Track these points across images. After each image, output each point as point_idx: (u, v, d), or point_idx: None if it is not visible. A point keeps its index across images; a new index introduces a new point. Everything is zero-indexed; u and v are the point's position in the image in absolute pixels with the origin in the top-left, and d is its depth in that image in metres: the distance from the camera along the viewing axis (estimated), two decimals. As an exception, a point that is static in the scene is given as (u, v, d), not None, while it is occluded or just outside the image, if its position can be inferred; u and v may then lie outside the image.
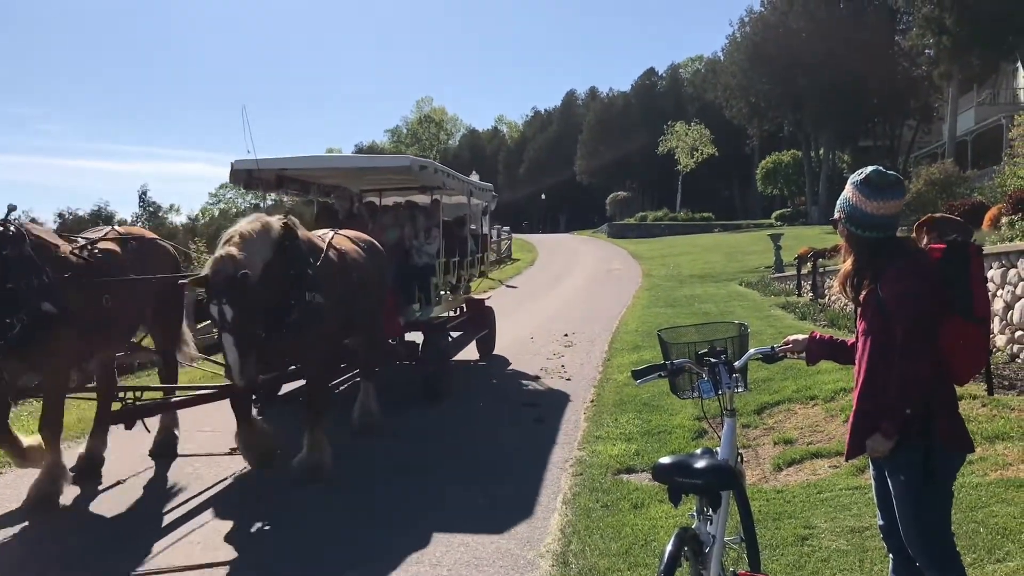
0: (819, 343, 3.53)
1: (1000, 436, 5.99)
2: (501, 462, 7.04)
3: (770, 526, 4.93)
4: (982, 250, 3.28)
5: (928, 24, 36.70)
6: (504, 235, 42.36)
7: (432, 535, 5.34)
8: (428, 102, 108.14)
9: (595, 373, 10.90)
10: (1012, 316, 8.55)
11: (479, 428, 8.26)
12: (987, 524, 4.57)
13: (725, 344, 3.57)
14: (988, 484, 5.18)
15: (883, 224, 3.14)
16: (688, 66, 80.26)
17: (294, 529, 5.55)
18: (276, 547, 5.27)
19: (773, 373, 8.82)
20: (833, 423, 7.08)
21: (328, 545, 5.25)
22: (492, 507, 5.87)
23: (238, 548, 5.28)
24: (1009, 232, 10.09)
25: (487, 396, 9.90)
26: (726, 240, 41.90)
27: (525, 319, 17.16)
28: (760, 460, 6.66)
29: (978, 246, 3.21)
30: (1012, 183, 14.61)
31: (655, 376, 3.52)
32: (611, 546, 4.93)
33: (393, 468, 6.97)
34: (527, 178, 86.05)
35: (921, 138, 51.02)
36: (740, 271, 26.31)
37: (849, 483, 5.56)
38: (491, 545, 5.15)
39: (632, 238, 50.82)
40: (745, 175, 68.60)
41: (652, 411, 8.28)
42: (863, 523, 4.79)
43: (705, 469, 3.13)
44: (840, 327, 12.26)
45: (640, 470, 6.46)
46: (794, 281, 19.52)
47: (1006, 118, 30.78)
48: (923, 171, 26.45)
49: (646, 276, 27.23)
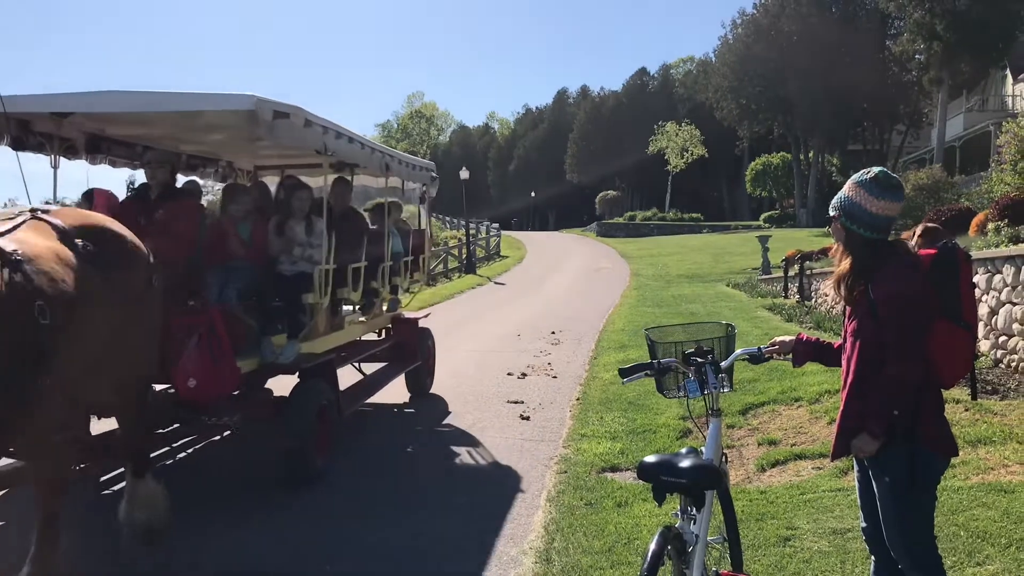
0: (806, 345, 3.54)
1: (982, 440, 6.05)
2: (485, 458, 7.03)
3: (753, 526, 4.94)
4: (971, 256, 3.30)
5: (919, 30, 36.93)
6: (493, 232, 42.46)
7: (415, 531, 5.33)
8: (419, 97, 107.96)
9: (581, 371, 10.90)
10: (996, 321, 8.60)
11: (463, 424, 8.25)
12: (968, 528, 4.60)
13: (712, 344, 3.57)
14: (969, 488, 5.21)
15: (884, 225, 3.14)
16: (679, 67, 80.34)
17: (278, 524, 5.52)
18: (259, 542, 5.24)
19: (758, 374, 8.85)
20: (817, 425, 7.11)
21: (311, 541, 5.23)
22: (475, 503, 5.86)
23: (225, 543, 5.25)
24: (995, 238, 10.15)
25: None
26: (714, 241, 42.00)
27: (513, 316, 17.19)
28: (744, 460, 6.67)
29: (967, 252, 3.22)
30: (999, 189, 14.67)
31: (642, 375, 3.52)
32: (594, 544, 4.93)
33: (376, 464, 6.96)
34: (517, 175, 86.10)
35: (910, 143, 51.28)
36: (728, 272, 26.38)
37: (832, 485, 5.59)
38: (474, 541, 5.14)
39: (621, 237, 50.93)
40: (734, 176, 68.80)
41: (638, 410, 8.29)
42: (845, 525, 4.81)
43: (690, 468, 3.13)
44: (826, 330, 12.31)
45: (625, 468, 6.47)
46: (781, 283, 19.60)
47: (994, 124, 30.93)
48: (911, 176, 26.53)
49: (634, 275, 27.27)
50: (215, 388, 5.52)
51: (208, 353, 5.39)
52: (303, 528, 5.43)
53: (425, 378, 9.60)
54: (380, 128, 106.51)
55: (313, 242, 6.88)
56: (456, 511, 5.71)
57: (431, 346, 9.83)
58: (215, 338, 5.46)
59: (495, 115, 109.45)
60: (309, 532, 5.36)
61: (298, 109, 5.90)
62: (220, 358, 5.46)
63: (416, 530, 5.34)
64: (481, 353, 12.53)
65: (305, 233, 6.92)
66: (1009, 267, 8.38)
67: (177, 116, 5.99)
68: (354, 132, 7.20)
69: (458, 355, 12.29)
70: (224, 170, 8.96)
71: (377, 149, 7.94)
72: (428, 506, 5.84)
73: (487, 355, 12.34)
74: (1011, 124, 15.38)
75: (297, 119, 5.90)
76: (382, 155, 8.04)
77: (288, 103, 5.74)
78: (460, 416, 8.59)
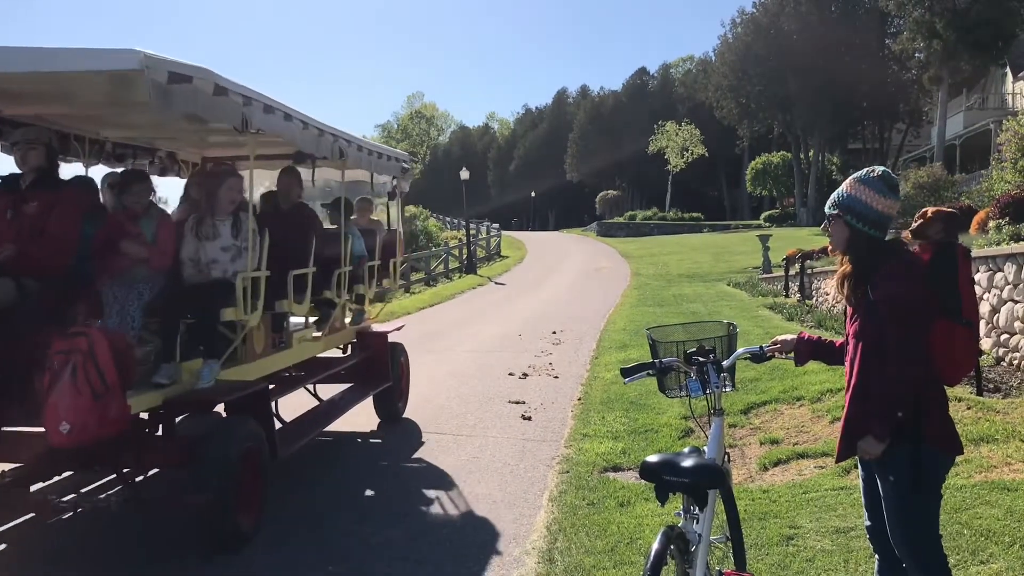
0: (807, 343, 3.53)
1: (985, 439, 6.03)
2: (487, 459, 7.02)
3: (756, 525, 4.93)
4: (970, 252, 3.28)
5: (919, 28, 36.92)
6: (493, 232, 42.50)
7: (417, 531, 5.32)
8: (419, 97, 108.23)
9: (583, 371, 10.89)
10: (998, 319, 8.59)
11: (465, 424, 8.24)
12: (971, 526, 4.59)
13: (713, 343, 3.57)
14: (973, 486, 5.20)
15: (886, 223, 3.14)
16: (679, 66, 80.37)
17: (276, 523, 5.52)
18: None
19: (760, 373, 8.85)
20: (819, 424, 7.10)
21: (311, 541, 5.22)
22: (478, 504, 5.85)
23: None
24: (996, 236, 10.13)
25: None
26: (715, 240, 41.99)
27: (513, 316, 17.19)
28: (746, 460, 6.67)
29: (966, 248, 3.21)
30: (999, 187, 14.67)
31: (643, 374, 3.51)
32: (597, 544, 4.92)
33: (377, 465, 6.95)
34: (517, 176, 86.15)
35: (910, 142, 51.33)
36: (728, 271, 26.37)
37: (835, 483, 5.58)
38: (477, 541, 5.13)
39: (621, 237, 50.94)
40: (735, 176, 68.82)
41: (639, 409, 8.29)
42: (848, 523, 4.80)
43: (692, 468, 3.12)
44: (827, 328, 12.30)
45: (627, 468, 6.46)
46: (782, 282, 19.59)
47: (995, 123, 30.93)
48: (912, 175, 26.57)
49: (635, 275, 27.26)
50: (95, 431, 4.29)
51: (87, 388, 4.26)
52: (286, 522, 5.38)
53: (396, 401, 8.32)
54: (380, 129, 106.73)
55: (240, 244, 5.62)
56: (458, 510, 5.70)
57: (404, 363, 8.62)
58: (95, 368, 4.31)
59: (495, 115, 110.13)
60: (291, 527, 5.32)
61: (207, 72, 4.53)
62: (103, 393, 4.31)
63: (417, 530, 5.32)
64: (482, 353, 12.52)
65: (231, 233, 5.63)
66: (1010, 265, 8.37)
67: (45, 82, 4.50)
68: (295, 109, 5.77)
69: (459, 355, 12.30)
70: (163, 162, 7.55)
71: (328, 131, 6.39)
72: (431, 505, 5.81)
73: (488, 355, 12.33)
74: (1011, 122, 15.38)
75: (204, 84, 4.51)
76: (334, 139, 6.50)
77: (195, 65, 4.48)
78: (461, 417, 8.58)
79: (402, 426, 8.24)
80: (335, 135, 6.54)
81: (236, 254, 5.59)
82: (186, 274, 5.61)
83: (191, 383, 5.12)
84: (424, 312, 19.14)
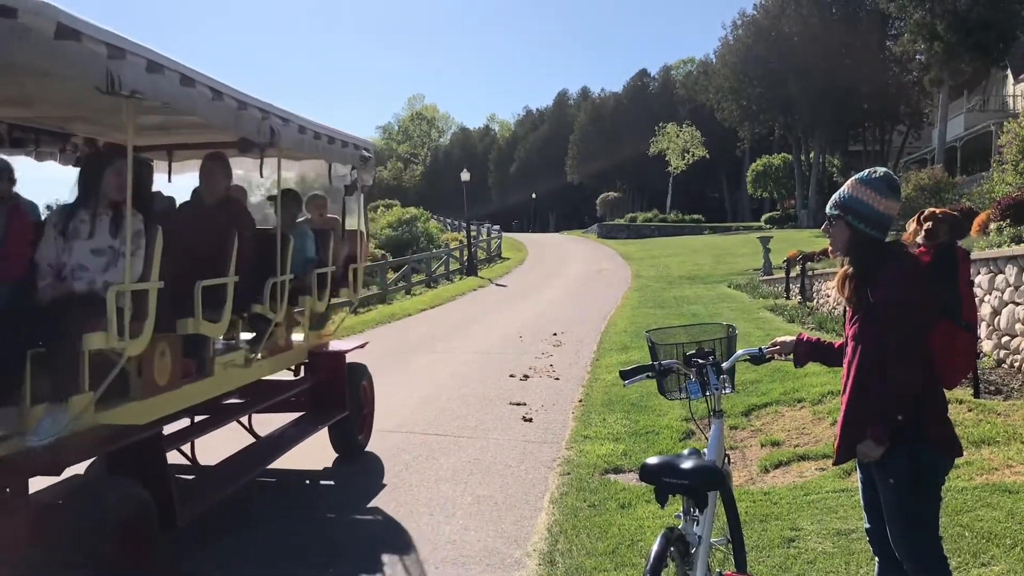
0: (807, 345, 3.52)
1: (986, 441, 6.03)
2: (488, 460, 7.02)
3: (756, 527, 4.93)
4: (969, 254, 3.28)
5: (919, 30, 36.91)
6: (494, 234, 42.52)
7: (418, 533, 5.32)
8: (420, 99, 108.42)
9: (583, 373, 10.89)
10: (999, 322, 8.59)
11: (466, 425, 8.24)
12: (972, 528, 4.58)
13: (713, 345, 3.57)
14: (974, 488, 5.20)
15: (888, 224, 3.14)
16: (680, 68, 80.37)
17: (275, 527, 5.51)
18: (255, 544, 5.23)
19: (761, 375, 8.84)
20: (820, 426, 7.10)
21: (311, 543, 5.22)
22: (479, 505, 5.85)
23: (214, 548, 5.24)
24: (997, 238, 10.13)
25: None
26: (715, 242, 41.99)
27: (514, 318, 17.19)
28: (747, 462, 6.66)
29: (965, 250, 3.21)
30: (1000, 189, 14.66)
31: (643, 377, 3.51)
32: (598, 545, 4.92)
33: (379, 466, 6.95)
34: (518, 177, 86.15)
35: (911, 143, 51.30)
36: (729, 273, 26.37)
37: (836, 486, 5.57)
38: (478, 543, 5.13)
39: (622, 239, 50.92)
40: (735, 178, 68.79)
41: (640, 411, 8.29)
42: (849, 525, 4.80)
43: (692, 470, 3.12)
44: (828, 330, 12.30)
45: (627, 470, 6.46)
46: (783, 284, 19.59)
47: (995, 124, 30.94)
48: (912, 176, 26.55)
49: (635, 277, 27.27)
50: None
51: None
52: (285, 524, 5.35)
53: (356, 434, 7.03)
54: (381, 130, 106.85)
55: (119, 247, 4.36)
56: (459, 512, 5.70)
57: (367, 388, 7.36)
58: None
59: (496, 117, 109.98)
60: (291, 529, 5.30)
61: (45, 6, 3.20)
62: None
63: (418, 532, 5.31)
64: (483, 355, 12.52)
65: (110, 231, 4.42)
66: (1011, 267, 8.37)
67: None
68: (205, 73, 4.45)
69: (460, 357, 12.30)
70: (79, 150, 6.23)
71: (253, 105, 5.06)
72: (432, 507, 5.79)
73: (489, 357, 12.33)
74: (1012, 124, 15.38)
75: (38, 22, 3.16)
76: (263, 115, 5.14)
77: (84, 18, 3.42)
78: (462, 419, 8.57)
79: (362, 463, 6.94)
80: (264, 111, 5.19)
81: (112, 260, 4.36)
82: (40, 285, 4.31)
83: (31, 436, 3.69)
84: (425, 314, 19.15)
